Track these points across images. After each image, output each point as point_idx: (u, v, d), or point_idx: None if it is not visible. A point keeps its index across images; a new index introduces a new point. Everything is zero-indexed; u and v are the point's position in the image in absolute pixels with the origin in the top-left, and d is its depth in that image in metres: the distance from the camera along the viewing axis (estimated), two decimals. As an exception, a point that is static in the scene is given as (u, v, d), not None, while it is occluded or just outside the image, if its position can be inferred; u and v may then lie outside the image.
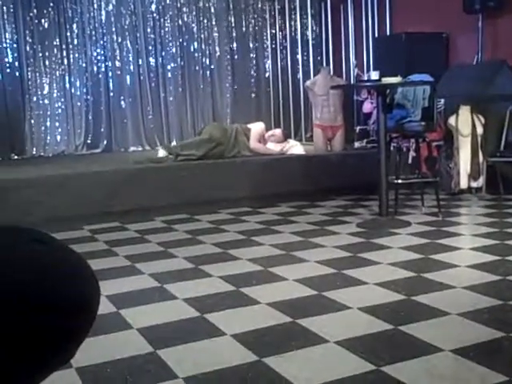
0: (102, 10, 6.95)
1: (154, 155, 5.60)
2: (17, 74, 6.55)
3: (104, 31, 6.99)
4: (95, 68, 6.99)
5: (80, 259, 0.82)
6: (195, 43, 7.40)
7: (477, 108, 5.06)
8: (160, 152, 5.56)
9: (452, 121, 5.09)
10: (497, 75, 5.18)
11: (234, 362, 1.97)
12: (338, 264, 3.13)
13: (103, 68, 7.02)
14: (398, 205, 4.43)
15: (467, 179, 5.04)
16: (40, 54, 6.66)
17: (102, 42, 6.99)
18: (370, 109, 6.11)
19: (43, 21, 6.64)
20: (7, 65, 6.50)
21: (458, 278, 2.80)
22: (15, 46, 6.52)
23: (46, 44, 6.68)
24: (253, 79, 7.74)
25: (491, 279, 2.76)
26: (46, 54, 6.69)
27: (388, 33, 6.83)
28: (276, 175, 5.27)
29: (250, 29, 7.69)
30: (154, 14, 7.17)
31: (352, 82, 7.09)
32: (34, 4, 6.57)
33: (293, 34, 7.79)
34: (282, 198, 5.17)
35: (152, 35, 7.19)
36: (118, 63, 7.07)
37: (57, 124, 6.81)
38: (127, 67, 7.11)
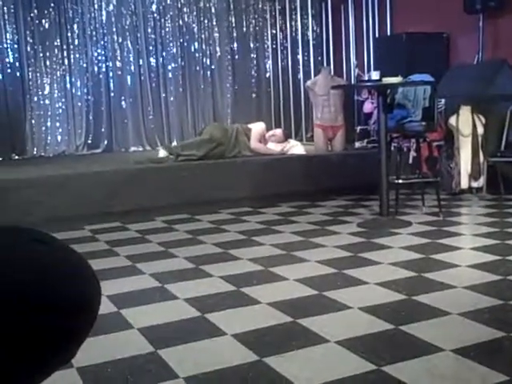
0: (103, 10, 6.96)
1: (154, 155, 5.60)
2: (17, 75, 6.56)
3: (105, 31, 6.99)
4: (96, 68, 6.99)
5: (81, 259, 0.82)
6: (196, 43, 7.41)
7: (477, 108, 5.07)
8: (161, 152, 5.56)
9: (453, 121, 5.09)
10: (497, 75, 5.18)
11: (234, 361, 1.97)
12: (339, 264, 3.13)
13: (104, 68, 7.02)
14: (399, 205, 4.43)
15: (468, 179, 5.05)
16: (41, 55, 6.67)
17: (102, 42, 7.00)
18: (371, 109, 6.11)
19: (44, 21, 6.64)
20: (8, 65, 6.51)
21: (458, 278, 2.80)
22: (16, 46, 6.53)
23: (47, 44, 6.68)
24: (253, 79, 7.74)
25: (492, 279, 2.76)
26: (47, 54, 6.69)
27: (389, 33, 6.83)
28: (276, 175, 5.27)
29: (251, 29, 7.69)
30: (155, 15, 7.18)
31: (353, 82, 7.09)
32: (34, 4, 6.57)
33: (293, 34, 7.79)
34: (283, 198, 5.17)
35: (153, 35, 7.20)
36: (118, 63, 7.07)
37: (57, 124, 6.81)
38: (128, 67, 7.11)
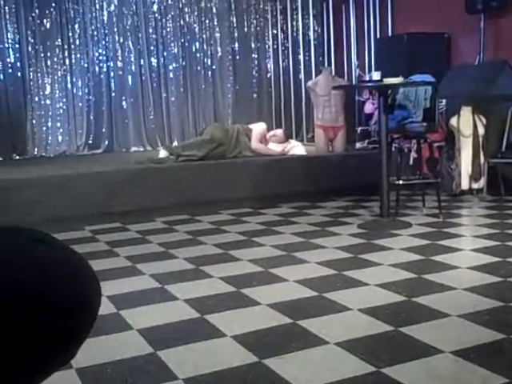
0: (104, 10, 6.96)
1: (155, 156, 5.60)
2: (19, 75, 6.56)
3: (106, 31, 6.99)
4: (97, 68, 6.99)
5: (81, 259, 0.82)
6: (197, 43, 7.41)
7: (478, 109, 5.06)
8: (161, 152, 5.56)
9: (453, 121, 5.08)
10: (498, 76, 5.18)
11: (234, 363, 1.97)
12: (339, 265, 3.13)
13: (105, 68, 7.02)
14: (399, 206, 4.43)
15: (468, 180, 5.04)
16: (42, 55, 6.67)
17: (103, 42, 7.00)
18: (372, 109, 6.11)
19: (45, 21, 6.65)
20: (9, 65, 6.51)
21: (458, 280, 2.80)
22: (17, 46, 6.53)
23: (48, 44, 6.68)
24: (254, 79, 7.74)
25: (492, 281, 2.76)
26: (48, 54, 6.69)
27: (390, 33, 6.83)
28: (277, 176, 5.27)
29: (252, 29, 7.69)
30: (156, 15, 7.18)
31: (354, 82, 7.09)
32: (36, 4, 6.57)
33: (294, 34, 7.79)
34: (283, 199, 5.17)
35: (154, 35, 7.20)
36: (119, 63, 7.08)
37: (58, 124, 6.81)
38: (129, 67, 7.11)
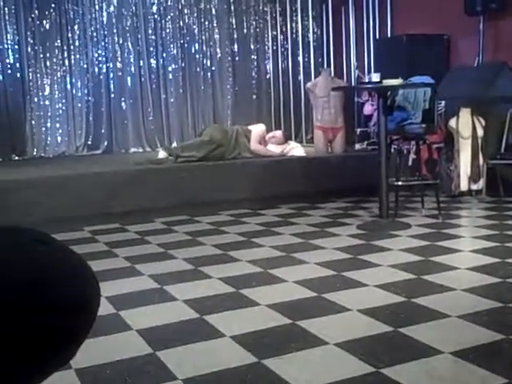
0: (104, 11, 6.96)
1: (154, 156, 5.60)
2: (18, 75, 6.55)
3: (105, 32, 6.99)
4: (96, 69, 6.99)
5: (80, 260, 0.83)
6: (196, 45, 7.40)
7: (477, 110, 5.07)
8: (160, 153, 5.56)
9: (452, 123, 5.09)
10: (498, 77, 5.19)
11: (233, 363, 1.97)
12: (338, 266, 3.13)
13: (104, 69, 7.01)
14: (399, 207, 4.43)
15: (467, 181, 5.05)
16: (41, 55, 6.66)
17: (103, 43, 7.00)
18: (371, 111, 6.12)
19: (45, 22, 6.64)
20: (8, 66, 6.50)
21: (457, 280, 2.80)
22: (16, 47, 6.52)
23: (48, 45, 6.68)
24: (254, 81, 7.74)
25: (491, 281, 2.76)
26: (47, 55, 6.69)
27: (389, 34, 6.84)
28: (276, 177, 5.27)
29: (251, 30, 7.69)
30: (155, 16, 7.18)
31: (353, 83, 7.09)
32: (35, 5, 6.57)
33: (294, 35, 7.79)
34: (283, 200, 5.17)
35: (153, 37, 7.20)
36: (119, 64, 7.07)
37: (57, 125, 6.81)
38: (128, 68, 7.11)
